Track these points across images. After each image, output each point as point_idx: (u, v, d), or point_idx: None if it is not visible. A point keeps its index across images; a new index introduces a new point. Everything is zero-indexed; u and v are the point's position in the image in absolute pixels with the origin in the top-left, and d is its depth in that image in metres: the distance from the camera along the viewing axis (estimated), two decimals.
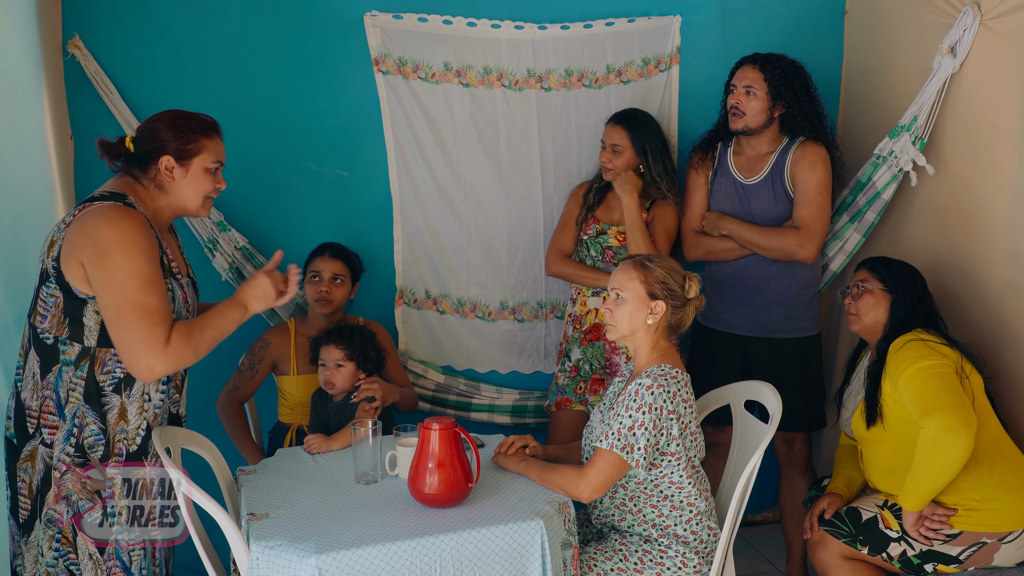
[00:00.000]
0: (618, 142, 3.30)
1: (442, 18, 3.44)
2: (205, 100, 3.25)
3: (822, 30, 3.69)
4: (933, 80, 3.09)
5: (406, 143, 3.50)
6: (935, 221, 3.24)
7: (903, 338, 2.76)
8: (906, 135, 3.19)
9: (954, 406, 2.57)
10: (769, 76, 3.20)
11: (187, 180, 2.43)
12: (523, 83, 3.52)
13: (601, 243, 3.37)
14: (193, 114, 2.46)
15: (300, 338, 3.29)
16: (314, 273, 3.24)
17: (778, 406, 2.65)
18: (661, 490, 2.51)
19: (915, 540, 2.68)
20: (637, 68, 3.58)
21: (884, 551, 2.72)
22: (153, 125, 2.42)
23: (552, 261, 3.43)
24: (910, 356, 2.70)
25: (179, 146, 2.40)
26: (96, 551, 2.36)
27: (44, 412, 2.33)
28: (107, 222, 2.27)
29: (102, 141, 2.43)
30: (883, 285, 2.85)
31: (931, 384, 2.63)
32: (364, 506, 2.39)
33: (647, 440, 2.41)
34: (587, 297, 3.40)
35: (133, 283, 2.24)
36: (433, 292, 3.64)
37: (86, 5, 3.19)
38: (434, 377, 3.65)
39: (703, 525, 2.55)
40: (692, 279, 2.58)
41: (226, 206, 3.36)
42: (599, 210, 3.41)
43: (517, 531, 2.26)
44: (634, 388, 2.45)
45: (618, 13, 3.54)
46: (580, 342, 3.38)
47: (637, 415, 2.41)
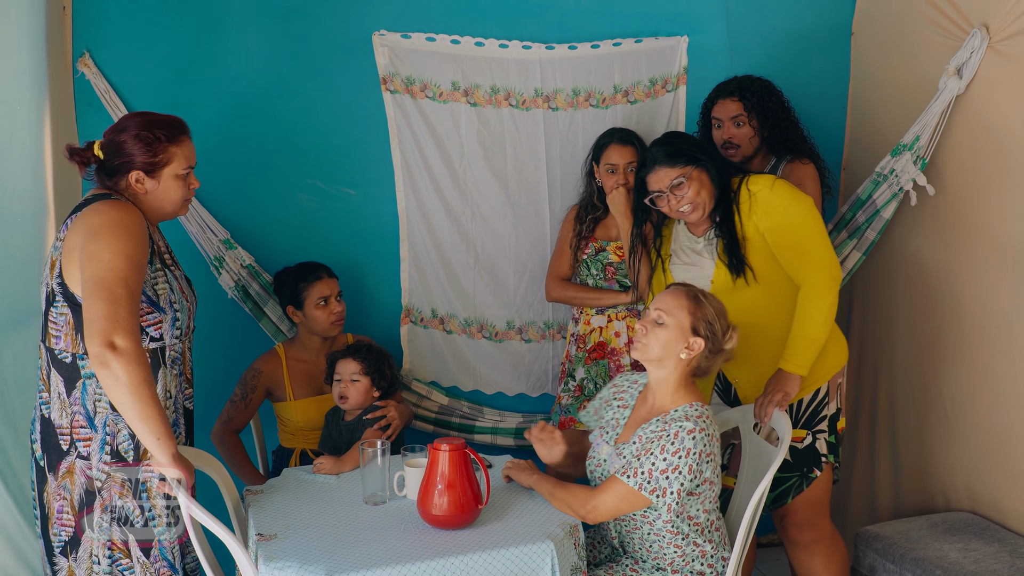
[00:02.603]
0: (633, 159, 3.28)
1: (450, 38, 3.44)
2: (213, 118, 3.30)
3: (829, 50, 3.70)
4: (938, 101, 3.09)
5: (413, 162, 3.50)
6: (937, 241, 3.24)
7: (763, 177, 2.78)
8: (908, 154, 3.19)
9: (833, 259, 2.74)
10: (748, 104, 3.20)
11: (159, 190, 2.44)
12: (530, 103, 3.53)
13: (601, 260, 3.37)
14: (159, 119, 2.44)
15: (293, 363, 3.27)
16: (322, 299, 3.21)
17: (788, 429, 2.63)
18: (680, 529, 2.45)
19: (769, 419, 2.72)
20: (644, 88, 3.59)
21: (820, 457, 2.87)
22: (119, 138, 2.40)
23: (552, 287, 3.43)
24: (787, 196, 2.74)
25: (147, 160, 2.40)
26: (142, 554, 2.37)
27: (75, 427, 2.34)
28: (98, 213, 2.30)
29: (70, 147, 2.42)
30: (692, 165, 2.77)
31: (812, 232, 2.72)
32: (373, 527, 2.38)
33: (681, 485, 2.34)
34: (591, 316, 3.39)
35: (119, 260, 2.23)
36: (440, 311, 3.63)
37: (96, 23, 3.20)
38: (438, 399, 3.63)
39: (717, 556, 2.52)
40: (734, 331, 2.51)
41: (232, 224, 3.35)
42: (597, 229, 3.41)
43: (527, 554, 2.24)
44: (674, 430, 2.35)
45: (626, 33, 3.55)
46: (584, 361, 3.37)
47: (673, 459, 2.33)
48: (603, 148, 3.33)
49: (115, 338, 2.17)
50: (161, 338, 2.42)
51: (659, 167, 2.79)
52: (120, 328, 2.18)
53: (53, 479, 2.36)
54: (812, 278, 2.72)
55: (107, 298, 2.19)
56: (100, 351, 2.17)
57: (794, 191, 2.78)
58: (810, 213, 2.75)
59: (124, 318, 2.19)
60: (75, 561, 2.37)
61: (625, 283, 3.36)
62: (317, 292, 3.21)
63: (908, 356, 3.39)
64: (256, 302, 3.39)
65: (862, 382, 3.65)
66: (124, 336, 2.18)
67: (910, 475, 3.39)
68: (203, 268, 3.32)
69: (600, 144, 3.35)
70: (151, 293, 2.39)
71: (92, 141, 2.43)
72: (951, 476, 3.21)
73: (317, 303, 3.21)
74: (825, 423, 2.89)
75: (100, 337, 2.17)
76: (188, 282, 2.58)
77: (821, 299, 2.70)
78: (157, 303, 2.40)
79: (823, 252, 2.73)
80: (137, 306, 2.25)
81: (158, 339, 2.41)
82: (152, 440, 2.25)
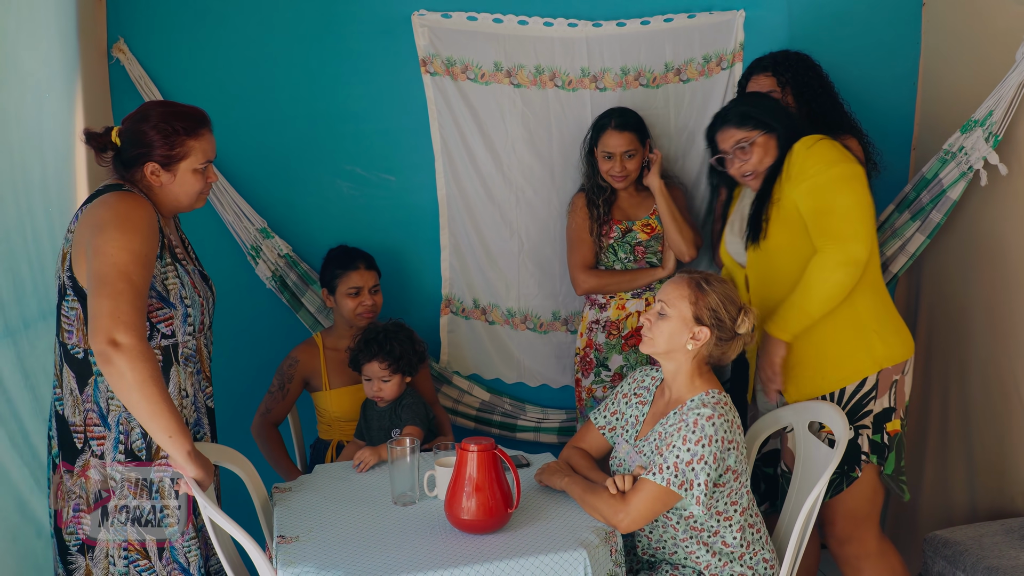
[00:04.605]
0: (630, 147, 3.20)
1: (492, 16, 3.32)
2: (249, 103, 3.26)
3: (898, 22, 3.47)
4: (1014, 73, 2.87)
5: (454, 146, 3.40)
6: (1011, 224, 3.02)
7: (812, 137, 2.62)
8: (979, 130, 2.98)
9: (858, 237, 2.53)
10: (782, 79, 3.04)
11: (175, 184, 2.36)
12: (577, 83, 3.39)
13: (630, 241, 3.25)
14: (180, 111, 2.37)
15: (330, 352, 3.20)
16: (354, 289, 3.13)
17: (845, 429, 2.46)
18: (709, 527, 2.34)
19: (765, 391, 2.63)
20: (698, 66, 3.41)
21: (861, 455, 2.68)
22: (139, 127, 2.33)
23: (582, 279, 3.29)
24: (824, 158, 2.57)
25: (165, 152, 2.32)
26: (155, 554, 2.33)
27: (89, 425, 2.29)
28: (105, 206, 2.24)
29: (88, 131, 2.36)
30: (760, 130, 2.68)
31: (842, 200, 2.54)
32: (398, 530, 2.28)
33: (707, 475, 2.24)
34: (625, 300, 3.26)
35: (122, 255, 2.16)
36: (482, 302, 3.53)
37: (130, 9, 3.17)
38: (479, 395, 3.54)
39: (758, 559, 2.38)
40: (747, 313, 2.39)
41: (269, 212, 3.30)
42: (614, 210, 3.29)
43: (559, 561, 2.12)
44: (692, 418, 2.27)
45: (678, 8, 3.38)
46: (621, 348, 3.24)
47: (696, 448, 2.24)
48: (600, 131, 3.21)
49: (117, 335, 2.10)
50: (173, 335, 2.34)
51: (727, 127, 2.73)
52: (122, 324, 2.11)
53: (69, 477, 2.32)
54: (826, 249, 2.55)
55: (109, 294, 2.13)
56: (103, 348, 2.11)
57: (835, 154, 2.60)
58: (845, 180, 2.57)
59: (126, 314, 2.12)
60: (92, 560, 2.33)
61: (654, 261, 3.27)
62: (350, 282, 3.13)
63: (982, 348, 3.19)
64: (294, 292, 3.33)
65: (931, 375, 3.45)
66: (126, 332, 2.11)
67: (986, 476, 3.19)
68: (240, 257, 3.28)
69: (598, 126, 3.23)
70: (160, 288, 2.32)
71: (111, 127, 2.37)
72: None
73: (348, 292, 3.13)
74: (870, 419, 2.69)
75: (102, 334, 2.11)
76: (204, 278, 2.50)
77: (827, 275, 2.55)
78: (167, 299, 2.33)
79: (845, 225, 2.55)
80: (142, 302, 2.18)
81: (170, 336, 2.34)
82: (164, 438, 2.18)
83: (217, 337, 2.62)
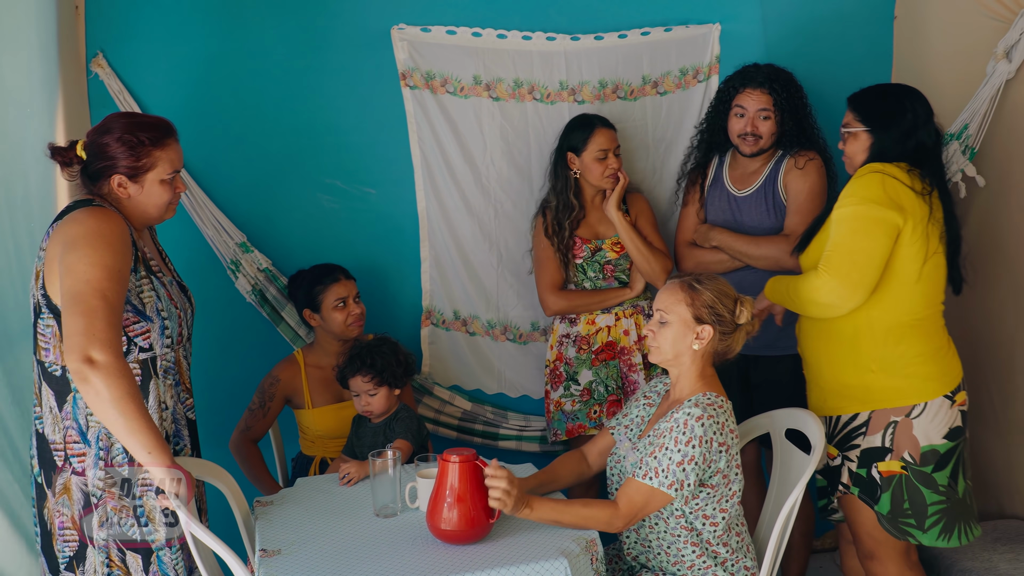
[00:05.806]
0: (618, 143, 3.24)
1: (471, 30, 3.33)
2: (228, 117, 3.26)
3: (870, 36, 3.51)
4: (986, 86, 2.94)
5: (434, 160, 3.41)
6: (989, 235, 3.07)
7: (873, 166, 2.58)
8: (955, 144, 3.04)
9: (853, 282, 2.49)
10: (776, 98, 3.05)
11: (143, 195, 2.35)
12: (555, 96, 3.41)
13: (599, 260, 3.26)
14: (144, 122, 2.36)
15: (312, 370, 3.19)
16: (340, 300, 3.12)
17: (821, 436, 2.49)
18: (695, 528, 2.36)
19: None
20: (675, 79, 3.45)
21: (840, 483, 2.66)
22: (103, 140, 2.32)
23: (551, 301, 3.28)
24: (856, 192, 2.55)
25: (130, 164, 2.31)
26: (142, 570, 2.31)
27: (69, 442, 2.28)
28: (76, 222, 2.22)
29: (52, 146, 2.35)
30: (865, 125, 2.65)
31: (849, 239, 2.52)
32: (380, 542, 2.28)
33: (696, 476, 2.27)
34: (595, 315, 3.27)
35: (94, 271, 2.14)
36: (462, 313, 3.54)
37: (110, 23, 3.16)
38: (461, 404, 3.54)
39: (739, 566, 2.40)
40: (744, 303, 2.42)
41: (249, 226, 3.29)
42: (581, 228, 3.27)
43: (540, 571, 2.13)
44: (682, 418, 2.29)
45: (655, 22, 3.41)
46: (590, 363, 3.25)
47: (687, 449, 2.26)
48: (589, 133, 3.19)
49: (92, 352, 2.09)
50: (151, 348, 2.34)
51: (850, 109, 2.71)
52: (97, 341, 2.09)
53: (52, 496, 2.31)
54: (821, 275, 2.53)
55: (82, 311, 2.11)
56: (78, 367, 2.09)
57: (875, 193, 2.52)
58: (847, 221, 2.53)
59: (101, 331, 2.10)
60: (82, 574, 2.32)
61: (623, 279, 3.27)
62: (335, 294, 3.12)
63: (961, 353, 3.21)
64: (274, 307, 3.32)
65: None
66: (101, 349, 2.09)
67: None
68: (220, 272, 3.27)
69: (584, 130, 3.20)
70: (136, 302, 2.31)
71: (75, 140, 2.35)
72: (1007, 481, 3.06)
73: (335, 305, 3.12)
74: (856, 452, 2.64)
75: (77, 352, 2.09)
76: (183, 288, 2.49)
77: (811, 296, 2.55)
78: (143, 312, 2.32)
79: (838, 264, 2.51)
80: (117, 317, 2.17)
81: (147, 349, 2.33)
82: (143, 454, 2.17)
83: (198, 350, 2.61)
